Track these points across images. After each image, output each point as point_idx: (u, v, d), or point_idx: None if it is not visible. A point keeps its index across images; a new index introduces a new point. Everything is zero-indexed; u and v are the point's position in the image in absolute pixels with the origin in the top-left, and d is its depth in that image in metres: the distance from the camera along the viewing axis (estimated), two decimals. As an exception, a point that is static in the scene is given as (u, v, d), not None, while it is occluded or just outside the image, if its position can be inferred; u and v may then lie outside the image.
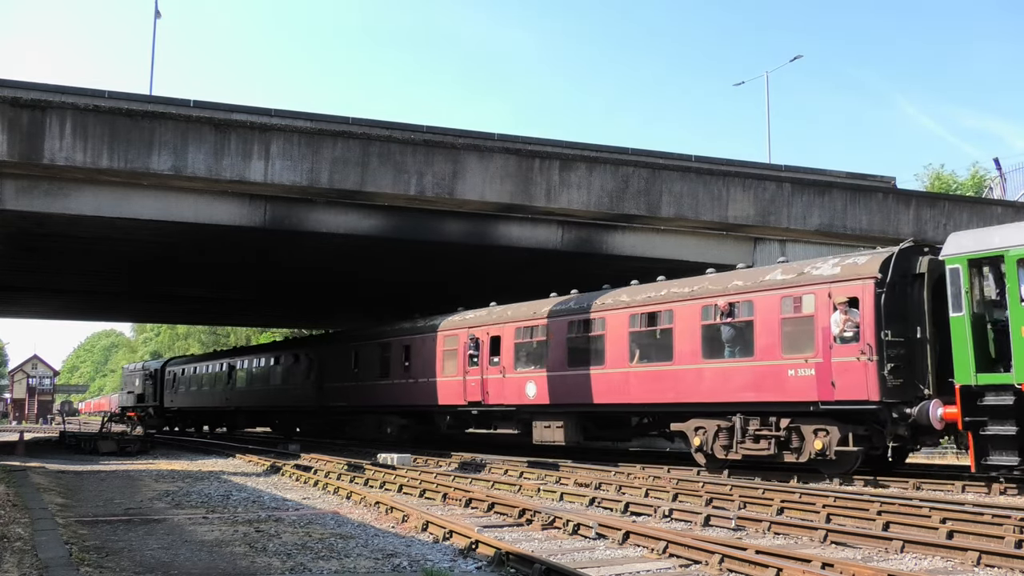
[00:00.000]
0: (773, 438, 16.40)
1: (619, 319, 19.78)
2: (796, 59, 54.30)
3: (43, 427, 71.32)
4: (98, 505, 14.39)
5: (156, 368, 52.98)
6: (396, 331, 28.34)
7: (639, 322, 19.37)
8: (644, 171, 22.11)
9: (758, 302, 16.94)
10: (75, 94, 20.28)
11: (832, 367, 15.45)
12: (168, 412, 51.05)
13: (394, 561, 9.24)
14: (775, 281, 16.82)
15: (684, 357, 18.12)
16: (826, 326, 15.63)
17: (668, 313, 18.65)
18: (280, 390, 36.73)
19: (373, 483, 17.35)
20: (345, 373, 30.86)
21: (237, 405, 41.73)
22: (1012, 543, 9.45)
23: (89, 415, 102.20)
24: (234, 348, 52.86)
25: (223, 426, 46.44)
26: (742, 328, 17.24)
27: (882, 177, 28.63)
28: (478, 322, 24.19)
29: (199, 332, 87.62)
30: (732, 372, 17.22)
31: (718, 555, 8.79)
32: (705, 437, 17.61)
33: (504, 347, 22.95)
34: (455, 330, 25.00)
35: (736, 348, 17.31)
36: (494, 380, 23.10)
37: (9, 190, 18.64)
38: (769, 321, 16.64)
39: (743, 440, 16.87)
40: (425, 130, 23.24)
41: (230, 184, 19.55)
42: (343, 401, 30.99)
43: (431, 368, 25.75)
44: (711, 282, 18.30)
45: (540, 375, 21.72)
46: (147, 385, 52.88)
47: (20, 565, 8.12)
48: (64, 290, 36.86)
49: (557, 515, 11.52)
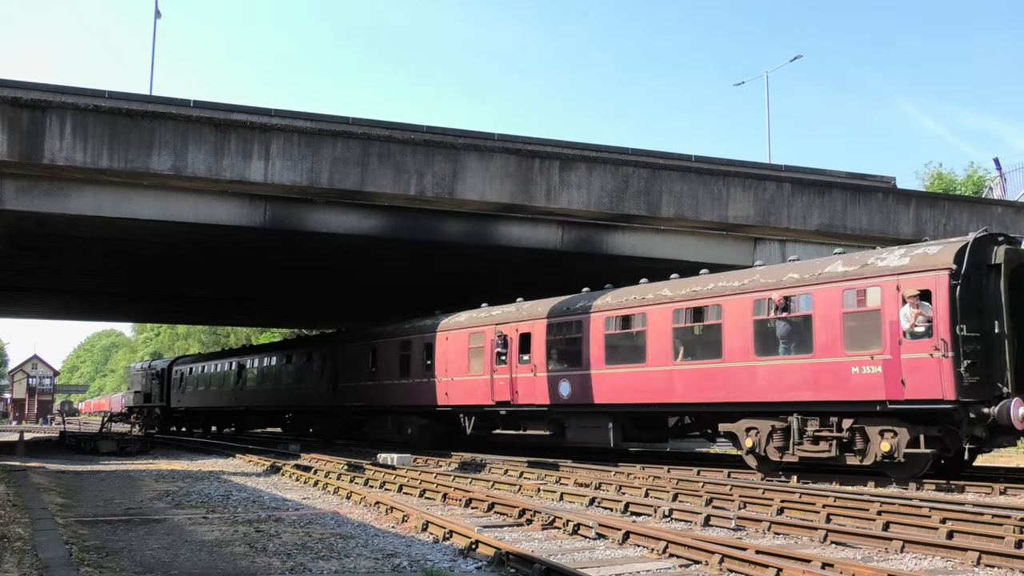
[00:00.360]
0: (834, 439, 15.53)
1: (661, 315, 18.83)
2: (796, 59, 54.44)
3: (43, 427, 71.34)
4: (98, 505, 14.39)
5: (163, 367, 52.35)
6: (417, 328, 27.23)
7: (684, 318, 18.47)
8: (644, 171, 22.11)
9: (817, 295, 15.96)
10: (75, 94, 20.29)
11: (902, 364, 14.56)
12: (175, 412, 50.38)
13: (394, 561, 9.24)
14: (836, 273, 15.84)
15: (734, 354, 17.20)
16: (894, 320, 14.72)
17: (716, 308, 17.76)
18: (292, 390, 35.81)
19: (373, 483, 17.34)
20: (362, 372, 29.91)
21: (247, 405, 41.00)
22: (1012, 543, 9.44)
23: (89, 415, 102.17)
24: (244, 347, 51.95)
25: (231, 426, 45.70)
26: (799, 323, 16.34)
27: (882, 177, 28.64)
28: (506, 318, 23.26)
29: (199, 332, 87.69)
30: (788, 370, 16.34)
31: (718, 555, 8.79)
32: (758, 438, 16.76)
33: (535, 344, 22.11)
34: (481, 327, 24.11)
35: (792, 344, 16.44)
36: (524, 379, 22.29)
37: (9, 190, 18.65)
38: (830, 316, 15.68)
39: (800, 441, 16.00)
40: (425, 130, 23.25)
41: (230, 184, 19.55)
42: (359, 401, 30.02)
43: (455, 366, 24.86)
44: (763, 275, 17.33)
45: (575, 373, 20.88)
46: (153, 384, 52.26)
47: (20, 565, 8.12)
48: (64, 290, 36.87)
49: (557, 515, 11.51)
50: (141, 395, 54.46)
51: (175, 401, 49.91)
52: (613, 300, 20.27)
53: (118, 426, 51.98)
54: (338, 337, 32.47)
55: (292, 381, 35.93)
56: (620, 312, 19.96)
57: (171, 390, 50.33)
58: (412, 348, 27.04)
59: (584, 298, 21.35)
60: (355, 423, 31.42)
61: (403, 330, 28.02)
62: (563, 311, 21.57)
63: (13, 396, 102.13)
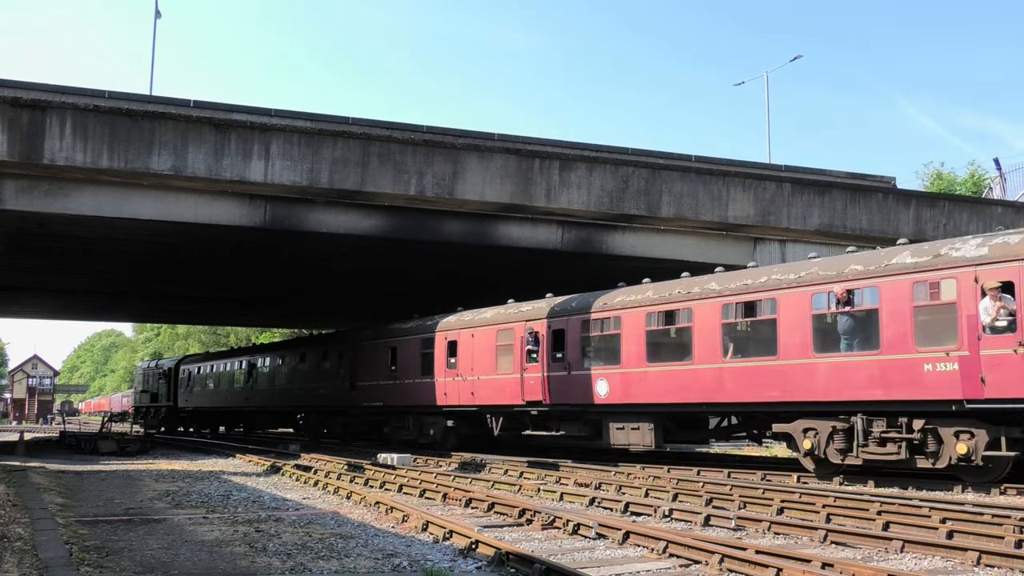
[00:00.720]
0: (903, 441, 14.68)
1: (709, 310, 17.92)
2: (796, 59, 54.53)
3: (43, 427, 71.35)
4: (98, 505, 14.39)
5: (170, 366, 51.50)
6: (440, 325, 26.09)
7: (734, 313, 17.57)
8: (644, 171, 22.11)
9: (884, 288, 15.05)
10: (75, 94, 20.29)
11: (981, 361, 13.67)
12: (182, 412, 49.56)
13: (394, 561, 9.24)
14: (904, 265, 14.93)
15: (791, 351, 16.28)
16: (972, 314, 13.85)
17: (770, 302, 16.82)
18: (306, 389, 34.57)
19: (373, 483, 17.35)
20: (381, 371, 28.72)
21: (258, 405, 39.88)
22: (1012, 543, 9.44)
23: (89, 415, 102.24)
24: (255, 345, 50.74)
25: (240, 427, 44.79)
26: (863, 318, 15.44)
27: (882, 177, 28.64)
28: (537, 314, 22.35)
29: (199, 332, 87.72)
30: (851, 368, 15.42)
31: (718, 555, 8.79)
32: (817, 440, 15.86)
33: (570, 341, 21.22)
34: (510, 323, 23.11)
35: (855, 340, 15.56)
36: (558, 377, 21.38)
37: (9, 190, 18.65)
38: (898, 310, 14.79)
39: (865, 443, 15.11)
40: (425, 130, 23.25)
41: (230, 184, 19.55)
42: (379, 401, 28.87)
43: (482, 364, 23.89)
44: (822, 267, 16.41)
45: (614, 372, 19.96)
46: (160, 384, 51.52)
47: (20, 565, 8.12)
48: (64, 290, 36.87)
49: (557, 515, 11.51)
50: (148, 395, 53.86)
51: (182, 401, 49.06)
52: (655, 295, 19.37)
53: (118, 426, 51.99)
54: (355, 335, 31.36)
55: (306, 380, 34.74)
56: (663, 307, 19.08)
57: (178, 389, 49.47)
58: (435, 346, 25.95)
59: (622, 293, 20.47)
60: (374, 424, 30.27)
61: (425, 327, 26.88)
62: (599, 307, 20.62)
63: (13, 396, 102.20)
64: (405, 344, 27.71)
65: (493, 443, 25.51)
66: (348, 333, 32.10)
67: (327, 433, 34.18)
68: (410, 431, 27.20)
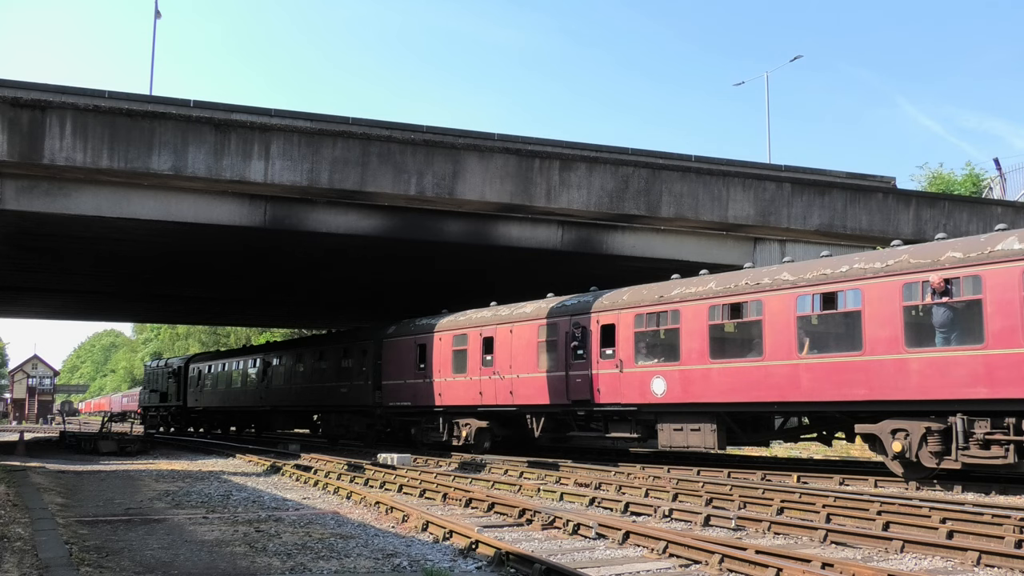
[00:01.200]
0: (1011, 444, 13.59)
1: (782, 302, 16.79)
2: (796, 59, 54.50)
3: (43, 427, 71.36)
4: (98, 505, 14.39)
5: (179, 365, 50.07)
6: (475, 321, 24.70)
7: (811, 305, 16.40)
8: (644, 171, 22.11)
9: (989, 277, 13.95)
10: (75, 94, 20.29)
11: None
12: (192, 412, 48.13)
13: (394, 561, 9.24)
14: (1012, 251, 13.83)
15: (878, 346, 15.14)
16: None
17: (854, 293, 15.69)
18: (327, 389, 32.77)
19: (373, 483, 17.35)
20: (408, 369, 27.10)
21: (273, 405, 38.24)
22: (1012, 543, 9.44)
23: (89, 415, 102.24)
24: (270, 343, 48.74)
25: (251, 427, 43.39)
26: (963, 309, 14.35)
27: (882, 177, 28.64)
28: (584, 308, 21.20)
29: (199, 332, 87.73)
30: (950, 363, 14.28)
31: (718, 555, 8.79)
32: (908, 442, 14.81)
33: (621, 337, 19.98)
34: (554, 319, 21.97)
35: (954, 334, 14.44)
36: (608, 375, 20.17)
37: (9, 190, 18.66)
38: (1006, 300, 13.68)
39: (966, 446, 14.05)
40: (425, 130, 23.24)
41: (230, 184, 19.56)
42: (406, 401, 27.23)
43: (521, 362, 22.59)
44: (912, 255, 15.32)
45: (672, 369, 18.82)
46: (169, 383, 50.21)
47: (20, 565, 8.12)
48: (64, 290, 36.88)
49: (557, 515, 11.52)
50: (157, 394, 52.58)
51: (192, 400, 47.64)
52: (718, 287, 18.28)
53: (118, 426, 51.94)
54: (380, 331, 29.71)
55: (326, 379, 32.99)
56: (728, 300, 17.90)
57: (187, 389, 48.04)
58: (469, 343, 24.62)
59: (679, 285, 19.42)
60: (401, 425, 28.66)
61: (458, 323, 25.47)
62: (654, 300, 19.54)
63: (13, 396, 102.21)
64: (435, 341, 26.10)
65: (531, 445, 24.70)
66: (372, 330, 30.65)
67: (350, 435, 32.25)
68: (440, 432, 25.89)
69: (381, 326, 29.78)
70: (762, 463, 20.52)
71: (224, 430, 45.54)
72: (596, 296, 21.26)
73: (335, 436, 33.35)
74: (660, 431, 19.20)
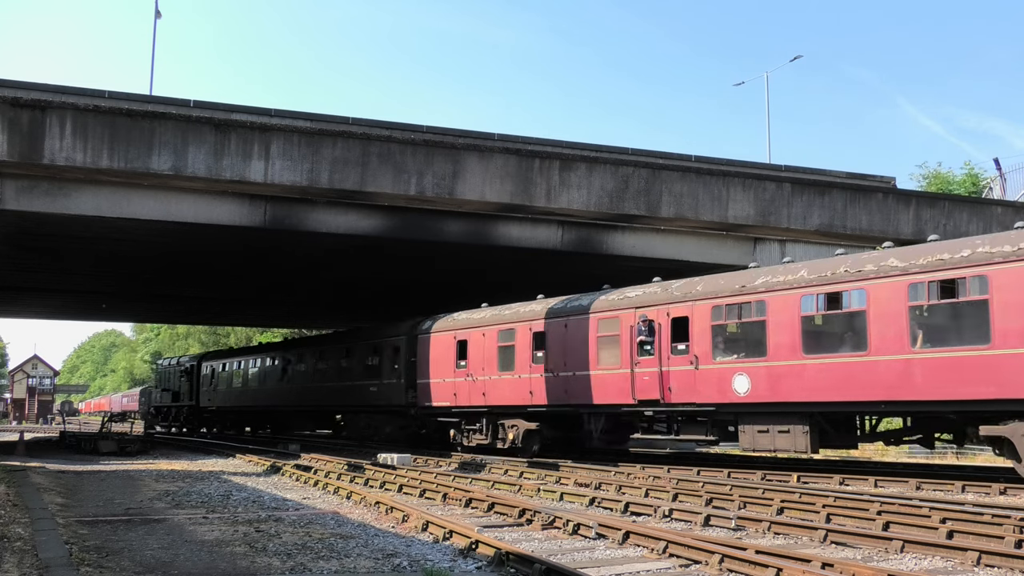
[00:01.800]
0: None
1: (890, 291, 15.34)
2: (796, 59, 54.53)
3: (43, 427, 71.35)
4: (98, 505, 14.39)
5: (192, 363, 48.82)
6: (524, 315, 23.07)
7: (926, 293, 14.92)
8: (644, 171, 22.12)
9: None
10: (75, 94, 20.29)
11: None
12: (205, 412, 46.77)
13: (394, 561, 9.24)
14: None
15: (1009, 338, 13.74)
16: None
17: (978, 280, 14.26)
18: (354, 388, 30.92)
19: (373, 483, 17.35)
20: (447, 366, 25.36)
21: (294, 405, 36.60)
22: (1012, 543, 9.45)
23: (89, 415, 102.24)
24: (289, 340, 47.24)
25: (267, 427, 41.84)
26: None
27: (882, 177, 28.65)
28: (651, 300, 19.69)
29: (199, 332, 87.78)
30: None
31: (718, 555, 8.79)
32: None
33: (696, 331, 18.53)
34: (615, 311, 20.36)
35: None
36: (680, 372, 18.70)
37: (9, 190, 18.66)
38: None
39: None
40: (425, 130, 23.25)
41: (230, 184, 19.56)
42: (444, 401, 25.53)
43: (577, 358, 21.02)
44: None
45: (757, 365, 17.32)
46: (182, 382, 49.05)
47: (20, 565, 8.12)
48: (64, 290, 36.89)
49: (557, 515, 11.52)
50: (169, 393, 51.27)
51: (205, 400, 46.11)
52: (811, 275, 16.84)
53: (118, 426, 51.84)
54: (414, 327, 27.72)
55: (353, 378, 31.02)
56: (824, 289, 16.47)
57: (200, 388, 46.53)
58: (516, 338, 23.02)
59: (764, 273, 18.00)
60: (439, 426, 26.81)
61: (503, 317, 23.80)
62: (735, 289, 18.05)
63: (13, 396, 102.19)
64: (478, 337, 24.39)
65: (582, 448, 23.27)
66: (404, 325, 28.63)
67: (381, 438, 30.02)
68: (483, 434, 24.30)
69: (415, 321, 27.98)
70: (762, 463, 20.51)
71: (239, 431, 44.11)
72: (665, 287, 19.81)
73: (362, 438, 31.37)
74: (742, 433, 17.67)
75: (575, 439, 22.89)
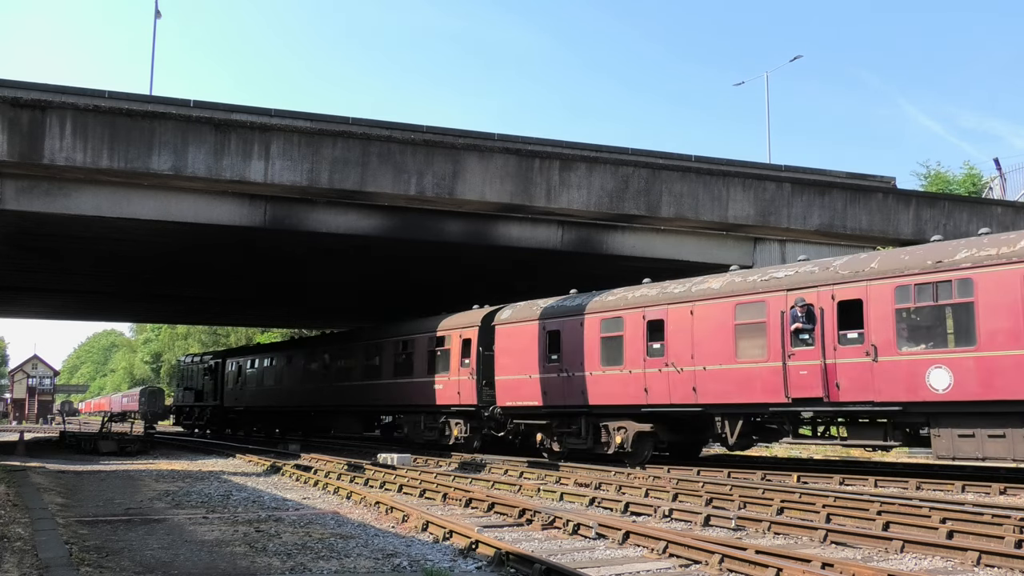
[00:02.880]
0: None
1: None
2: (796, 59, 54.54)
3: (43, 427, 71.35)
4: (98, 505, 14.39)
5: (216, 361, 46.12)
6: (634, 301, 20.16)
7: None
8: (644, 171, 22.12)
9: None
10: (75, 94, 20.30)
11: None
12: (231, 412, 43.83)
13: (394, 561, 9.24)
14: None
15: None
16: None
17: None
18: (413, 386, 27.71)
19: (373, 483, 17.35)
20: (533, 361, 22.30)
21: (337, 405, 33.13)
22: (1012, 543, 9.44)
23: (89, 415, 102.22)
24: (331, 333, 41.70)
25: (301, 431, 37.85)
26: None
27: (882, 177, 28.66)
28: (808, 281, 16.95)
29: (199, 332, 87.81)
30: None
31: (718, 555, 8.79)
32: None
33: (872, 316, 15.81)
34: (760, 295, 17.70)
35: None
36: (851, 366, 16.03)
37: (9, 190, 18.66)
38: None
39: None
40: (425, 130, 23.26)
41: (230, 184, 19.56)
42: (530, 400, 22.47)
43: (707, 350, 18.39)
44: None
45: (962, 356, 14.60)
46: (205, 381, 46.43)
47: (20, 565, 8.12)
48: (64, 290, 36.89)
49: (557, 515, 11.52)
50: (192, 392, 48.75)
51: (231, 399, 43.08)
52: None
53: (118, 426, 51.73)
54: (490, 316, 24.65)
55: (413, 374, 27.87)
56: None
57: (225, 387, 43.59)
58: (626, 327, 20.13)
59: (964, 246, 15.24)
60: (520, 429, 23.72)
61: (606, 304, 20.85)
62: (926, 266, 15.33)
63: (13, 396, 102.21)
64: (574, 326, 21.44)
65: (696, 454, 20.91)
66: (477, 314, 25.37)
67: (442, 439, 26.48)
68: (581, 438, 21.34)
69: (491, 309, 25.09)
70: (762, 463, 20.51)
71: (269, 433, 40.40)
72: (824, 266, 17.18)
73: (425, 442, 27.45)
74: (935, 438, 15.03)
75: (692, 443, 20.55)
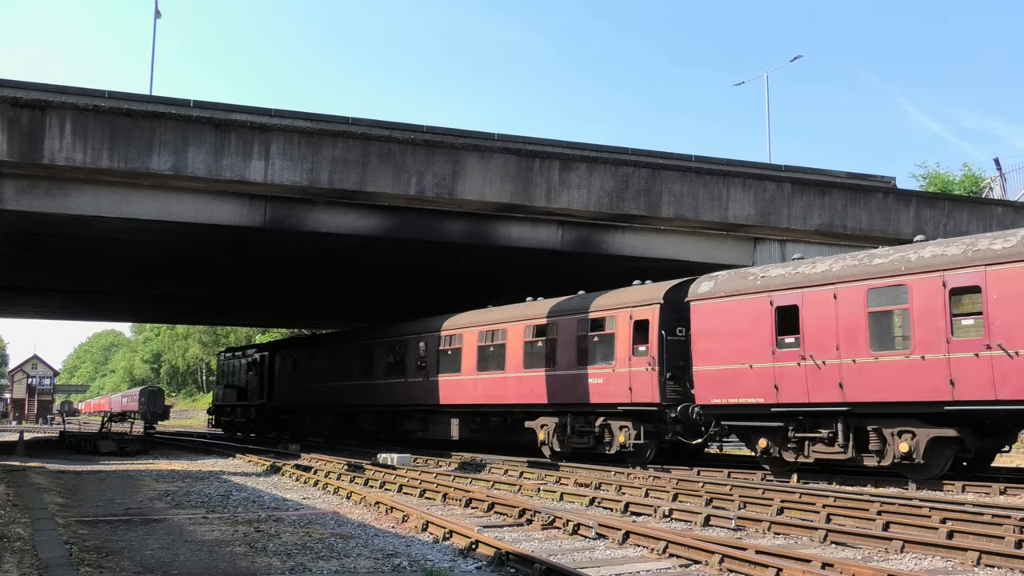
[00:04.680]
0: None
1: None
2: (796, 59, 54.53)
3: (43, 427, 71.35)
4: (98, 505, 14.38)
5: (262, 355, 41.01)
6: (920, 264, 15.14)
7: None
8: (644, 171, 22.11)
9: None
10: (75, 94, 20.30)
11: None
12: (282, 412, 38.84)
13: (394, 561, 9.24)
14: None
15: None
16: None
17: None
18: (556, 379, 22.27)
19: (373, 483, 17.35)
20: (753, 345, 17.62)
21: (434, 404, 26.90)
22: (1012, 543, 9.44)
23: (89, 415, 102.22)
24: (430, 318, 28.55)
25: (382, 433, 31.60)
26: None
27: (882, 177, 28.65)
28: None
29: (199, 332, 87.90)
30: None
31: (718, 555, 8.79)
32: None
33: None
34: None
35: None
36: None
37: (9, 190, 18.65)
38: None
39: None
40: (425, 130, 23.25)
41: (230, 184, 19.56)
42: (751, 396, 17.85)
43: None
44: None
45: None
46: (250, 377, 41.55)
47: (20, 565, 8.12)
48: (64, 290, 36.88)
49: (557, 515, 11.52)
50: (233, 390, 43.84)
51: (284, 398, 38.09)
52: None
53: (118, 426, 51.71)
54: (679, 290, 19.91)
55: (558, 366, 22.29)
56: None
57: (275, 384, 38.78)
58: (912, 298, 15.10)
59: None
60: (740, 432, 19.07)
61: (873, 269, 15.93)
62: None
63: (13, 396, 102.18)
64: (822, 299, 16.53)
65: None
66: (664, 289, 20.36)
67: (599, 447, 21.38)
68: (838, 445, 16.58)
69: (679, 281, 20.28)
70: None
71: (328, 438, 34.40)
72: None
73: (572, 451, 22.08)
74: None
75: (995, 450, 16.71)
